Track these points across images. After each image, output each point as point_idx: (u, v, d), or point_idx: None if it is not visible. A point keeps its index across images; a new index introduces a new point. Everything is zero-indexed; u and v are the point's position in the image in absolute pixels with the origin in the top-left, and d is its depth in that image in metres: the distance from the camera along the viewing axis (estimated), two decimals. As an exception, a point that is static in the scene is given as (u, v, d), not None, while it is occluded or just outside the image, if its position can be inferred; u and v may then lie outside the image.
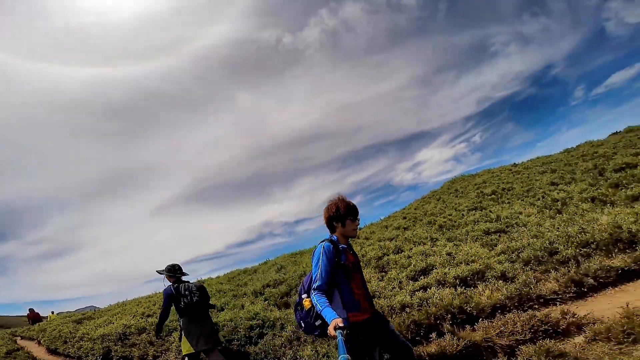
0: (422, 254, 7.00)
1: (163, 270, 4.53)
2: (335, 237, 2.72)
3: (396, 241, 8.75)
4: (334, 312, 2.32)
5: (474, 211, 9.38)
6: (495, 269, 5.37)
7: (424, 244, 7.81)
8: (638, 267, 4.28)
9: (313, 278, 2.56)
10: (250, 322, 5.70)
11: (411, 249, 7.69)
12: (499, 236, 6.95)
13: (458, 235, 7.61)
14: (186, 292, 4.30)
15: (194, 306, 4.27)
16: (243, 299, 7.43)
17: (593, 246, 5.06)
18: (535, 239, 6.04)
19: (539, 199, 8.79)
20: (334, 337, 2.12)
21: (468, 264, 5.86)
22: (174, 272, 4.48)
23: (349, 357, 1.81)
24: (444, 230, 8.47)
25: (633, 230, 4.91)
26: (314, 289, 2.50)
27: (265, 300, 7.23)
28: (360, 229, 13.25)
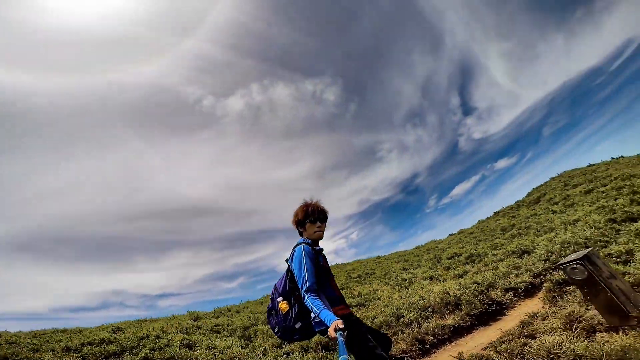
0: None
1: None
2: (310, 241, 2.61)
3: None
4: (332, 314, 2.21)
5: (341, 290, 9.41)
6: (351, 335, 5.18)
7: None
8: (464, 324, 4.67)
9: (300, 281, 2.42)
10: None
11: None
12: (359, 308, 6.94)
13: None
14: None
15: None
16: (46, 354, 5.13)
17: (430, 310, 5.46)
18: (386, 308, 6.21)
19: (392, 280, 9.50)
20: (334, 339, 2.06)
21: (327, 333, 5.55)
22: None
23: (349, 358, 1.79)
24: (309, 303, 8.11)
25: (458, 295, 5.56)
26: (306, 291, 2.35)
27: (83, 358, 5.27)
28: (237, 305, 11.59)
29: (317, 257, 2.56)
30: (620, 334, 2.48)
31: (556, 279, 4.58)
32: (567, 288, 4.15)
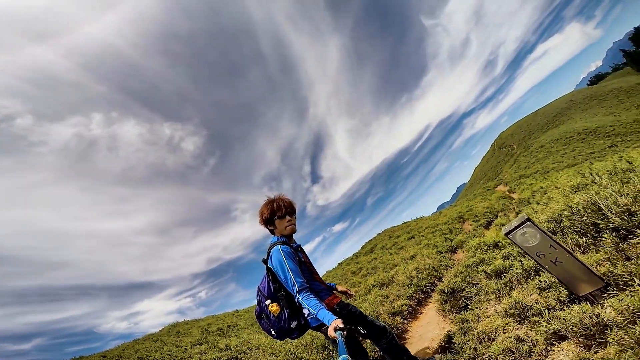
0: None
1: None
2: (284, 238, 2.43)
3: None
4: (330, 313, 2.24)
5: (199, 345, 7.05)
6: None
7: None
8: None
9: (288, 283, 2.35)
10: None
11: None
12: (233, 363, 5.14)
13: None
14: None
15: None
16: None
17: (331, 346, 4.49)
18: (273, 356, 4.80)
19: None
20: (335, 338, 2.16)
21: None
22: None
23: (349, 358, 1.99)
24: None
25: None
26: (298, 292, 2.32)
27: None
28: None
29: (296, 254, 2.40)
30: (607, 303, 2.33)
31: (440, 288, 4.61)
32: (459, 295, 4.12)
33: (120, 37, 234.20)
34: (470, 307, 3.49)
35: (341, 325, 2.13)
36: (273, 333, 2.44)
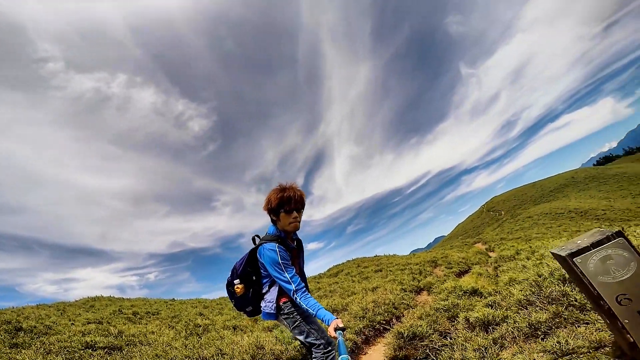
0: None
1: None
2: (283, 234, 2.39)
3: None
4: (330, 313, 2.28)
5: (94, 324, 5.56)
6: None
7: None
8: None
9: (283, 281, 2.34)
10: None
11: None
12: (109, 353, 3.77)
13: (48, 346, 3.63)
14: None
15: None
16: None
17: (232, 367, 3.19)
18: (156, 359, 3.45)
19: (181, 324, 6.50)
20: (335, 338, 2.13)
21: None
22: None
23: (349, 357, 1.92)
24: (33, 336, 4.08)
25: (276, 351, 3.60)
26: (296, 291, 2.35)
27: None
28: None
29: (289, 255, 2.40)
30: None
31: (398, 330, 3.42)
32: (420, 342, 2.95)
33: (180, 8, 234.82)
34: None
35: (341, 325, 2.10)
36: (232, 302, 2.44)
